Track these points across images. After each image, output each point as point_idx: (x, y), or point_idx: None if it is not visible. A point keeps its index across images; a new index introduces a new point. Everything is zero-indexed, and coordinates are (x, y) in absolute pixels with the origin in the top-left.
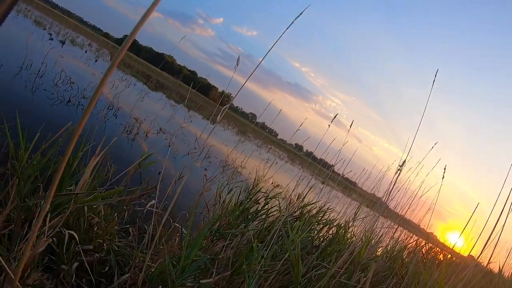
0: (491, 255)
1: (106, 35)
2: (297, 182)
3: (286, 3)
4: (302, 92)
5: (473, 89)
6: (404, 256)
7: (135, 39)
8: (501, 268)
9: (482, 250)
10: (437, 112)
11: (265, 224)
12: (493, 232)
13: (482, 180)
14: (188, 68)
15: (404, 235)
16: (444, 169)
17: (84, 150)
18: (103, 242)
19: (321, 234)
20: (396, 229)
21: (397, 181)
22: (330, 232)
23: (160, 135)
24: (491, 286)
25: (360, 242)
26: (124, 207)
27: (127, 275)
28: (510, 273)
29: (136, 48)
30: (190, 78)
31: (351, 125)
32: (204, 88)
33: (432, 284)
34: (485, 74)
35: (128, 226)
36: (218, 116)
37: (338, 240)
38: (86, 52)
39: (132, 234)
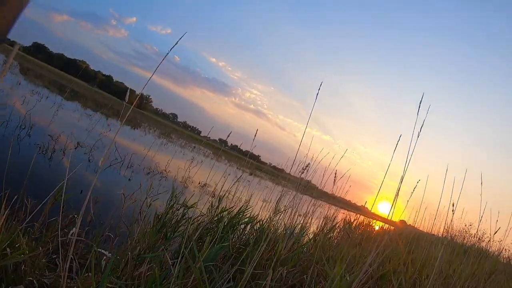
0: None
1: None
2: (224, 177)
3: None
4: (220, 87)
5: (375, 65)
6: (334, 235)
7: (45, 46)
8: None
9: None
10: (351, 93)
11: (185, 237)
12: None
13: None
14: (103, 73)
15: (336, 212)
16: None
17: None
18: (32, 279)
19: (246, 232)
20: (329, 209)
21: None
22: (255, 228)
23: (79, 150)
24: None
25: (282, 234)
26: (48, 240)
27: None
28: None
29: (47, 56)
30: (106, 83)
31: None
32: (121, 92)
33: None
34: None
35: (55, 256)
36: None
37: (264, 236)
38: None
39: (60, 265)
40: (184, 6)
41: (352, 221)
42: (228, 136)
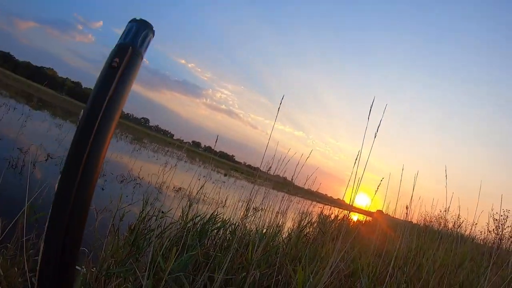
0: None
1: None
2: (199, 179)
3: None
4: (191, 89)
5: (343, 60)
6: (310, 231)
7: (10, 54)
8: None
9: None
10: (322, 88)
11: (157, 247)
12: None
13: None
14: (72, 80)
15: (313, 207)
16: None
17: None
18: None
19: (220, 236)
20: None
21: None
22: (227, 232)
23: (49, 161)
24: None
25: (254, 236)
26: (23, 259)
27: None
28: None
29: (12, 64)
30: (75, 90)
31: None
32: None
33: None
34: (351, 45)
35: (32, 275)
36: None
37: (235, 240)
38: None
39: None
40: (148, 7)
41: (327, 215)
42: (216, 142)
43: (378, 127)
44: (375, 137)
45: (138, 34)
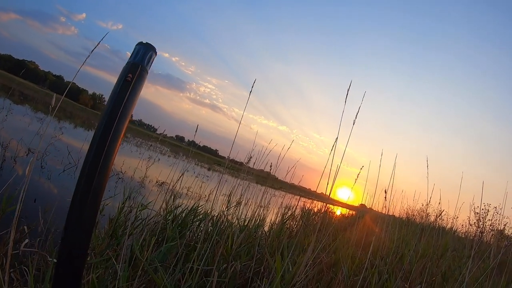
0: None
1: None
2: (181, 173)
3: None
4: (175, 82)
5: (324, 54)
6: (293, 224)
7: None
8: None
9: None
10: (304, 82)
11: (139, 239)
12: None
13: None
14: (54, 73)
15: (296, 201)
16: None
17: None
18: None
19: (201, 228)
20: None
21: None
22: (209, 225)
23: (30, 156)
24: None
25: (236, 227)
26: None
27: None
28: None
29: None
30: (56, 84)
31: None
32: (73, 92)
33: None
34: (331, 39)
35: (12, 270)
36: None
37: (215, 231)
38: None
39: (16, 279)
40: (132, 0)
41: (310, 208)
42: (195, 132)
43: (357, 114)
44: (353, 124)
45: (145, 55)
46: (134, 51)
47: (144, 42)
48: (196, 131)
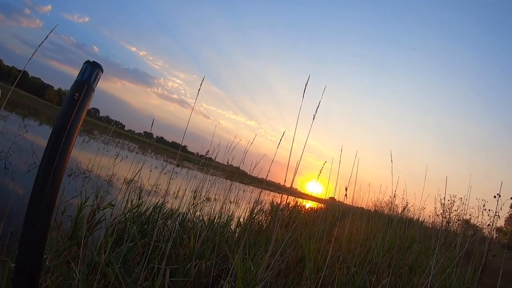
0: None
1: None
2: (150, 171)
3: None
4: (142, 77)
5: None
6: (262, 219)
7: None
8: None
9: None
10: (272, 78)
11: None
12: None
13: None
14: (18, 69)
15: (266, 196)
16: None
17: None
18: None
19: (168, 226)
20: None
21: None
22: (176, 223)
23: None
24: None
25: (203, 225)
26: None
27: None
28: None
29: None
30: (21, 80)
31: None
32: (38, 88)
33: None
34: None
35: None
36: None
37: (176, 230)
38: None
39: None
40: None
41: (279, 203)
42: (151, 125)
43: (317, 108)
44: (313, 118)
45: (91, 73)
46: (81, 70)
47: (91, 60)
48: (152, 125)
